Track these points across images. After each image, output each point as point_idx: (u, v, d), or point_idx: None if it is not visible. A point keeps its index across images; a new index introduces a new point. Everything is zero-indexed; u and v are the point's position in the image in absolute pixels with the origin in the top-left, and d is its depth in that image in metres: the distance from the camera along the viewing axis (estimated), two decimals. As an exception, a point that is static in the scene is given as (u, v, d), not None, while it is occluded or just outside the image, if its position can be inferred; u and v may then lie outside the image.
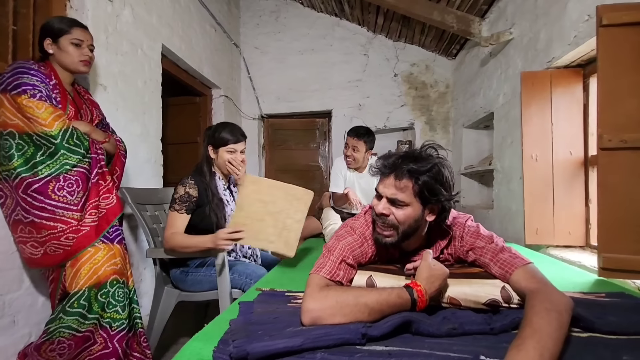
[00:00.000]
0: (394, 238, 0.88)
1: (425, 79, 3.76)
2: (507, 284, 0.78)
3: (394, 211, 0.86)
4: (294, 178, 4.03)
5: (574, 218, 1.82)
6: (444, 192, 0.85)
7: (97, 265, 1.21)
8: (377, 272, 0.86)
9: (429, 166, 0.84)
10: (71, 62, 1.30)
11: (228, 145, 1.48)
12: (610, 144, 1.15)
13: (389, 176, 0.86)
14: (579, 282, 1.15)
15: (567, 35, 1.69)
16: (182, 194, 1.41)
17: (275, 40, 3.93)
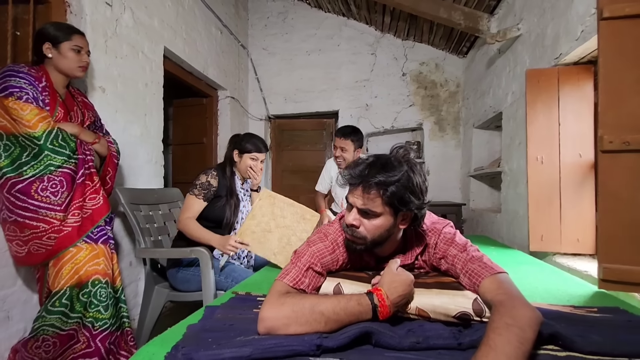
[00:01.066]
0: (364, 246, 0.85)
1: (435, 78, 3.66)
2: (478, 295, 0.73)
3: (365, 222, 0.83)
4: (301, 179, 4.02)
5: (583, 224, 1.72)
6: (415, 200, 0.81)
7: (79, 265, 1.22)
8: (347, 279, 0.83)
9: (398, 175, 0.80)
10: (69, 68, 1.34)
11: (252, 153, 1.61)
12: (611, 146, 1.06)
13: (358, 187, 0.82)
14: (575, 294, 1.07)
15: (573, 30, 1.59)
16: (204, 181, 1.52)
17: (282, 41, 3.93)
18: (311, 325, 0.67)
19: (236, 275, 1.37)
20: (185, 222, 1.46)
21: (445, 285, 0.77)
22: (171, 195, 1.88)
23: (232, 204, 1.56)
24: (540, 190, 1.76)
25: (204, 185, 1.51)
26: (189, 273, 1.43)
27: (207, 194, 1.51)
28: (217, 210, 1.53)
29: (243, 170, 1.62)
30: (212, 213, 1.53)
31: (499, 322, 0.60)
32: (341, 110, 3.81)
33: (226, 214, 1.54)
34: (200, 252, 1.34)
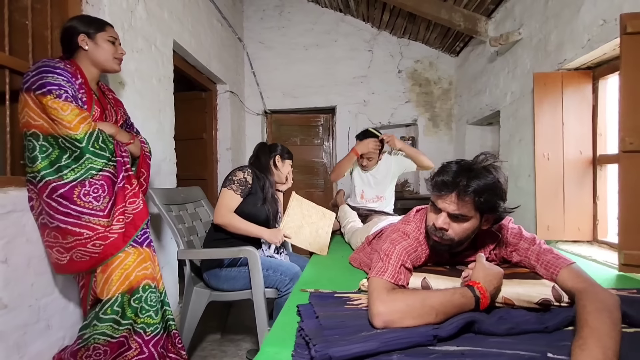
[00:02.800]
0: (450, 246, 0.93)
1: (429, 76, 3.80)
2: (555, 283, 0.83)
3: (454, 226, 0.90)
4: (298, 174, 4.04)
5: (583, 214, 1.90)
6: (502, 205, 0.89)
7: (128, 270, 1.20)
8: (431, 274, 0.90)
9: (490, 183, 0.86)
10: (106, 59, 1.29)
11: (290, 160, 1.84)
12: (631, 147, 1.21)
13: (451, 194, 0.87)
14: (603, 277, 1.22)
15: (580, 38, 1.74)
16: (241, 177, 1.57)
17: (279, 35, 3.90)
18: (423, 318, 0.74)
19: (284, 270, 1.42)
20: (228, 216, 1.49)
21: (524, 275, 0.86)
22: (195, 194, 1.86)
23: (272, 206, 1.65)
24: (547, 184, 1.93)
25: (241, 182, 1.56)
26: (233, 272, 1.45)
27: (244, 190, 1.56)
28: (253, 207, 1.59)
29: (280, 179, 1.76)
30: (248, 209, 1.57)
31: (590, 307, 0.69)
32: (339, 106, 3.86)
33: (266, 214, 1.62)
34: (249, 251, 1.36)
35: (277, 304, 1.42)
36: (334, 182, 2.48)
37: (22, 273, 1.14)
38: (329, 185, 4.06)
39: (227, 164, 3.39)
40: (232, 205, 1.51)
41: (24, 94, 1.11)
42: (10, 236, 1.10)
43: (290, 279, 1.38)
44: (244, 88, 3.86)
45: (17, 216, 1.13)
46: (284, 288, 1.39)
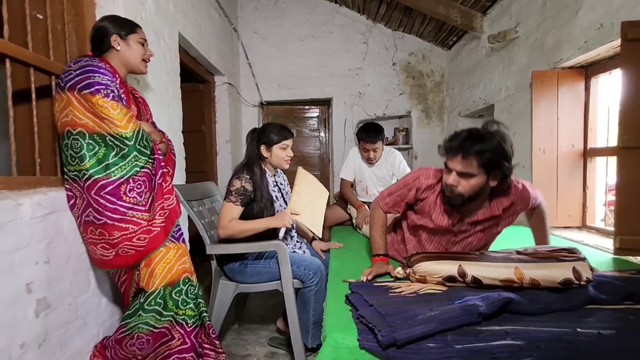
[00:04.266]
0: (460, 200, 1.12)
1: (422, 69, 3.89)
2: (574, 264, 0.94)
3: (462, 182, 1.09)
4: (294, 165, 4.08)
5: (574, 202, 2.07)
6: (505, 163, 1.05)
7: (170, 264, 1.24)
8: (465, 261, 1.00)
9: (493, 145, 1.03)
10: (136, 61, 1.30)
11: (281, 142, 1.61)
12: (629, 143, 1.34)
13: (457, 155, 1.06)
14: (600, 261, 1.37)
15: (577, 40, 1.87)
16: (239, 187, 1.51)
17: (274, 25, 3.86)
18: None
19: (307, 264, 1.47)
20: (229, 227, 1.45)
21: (546, 259, 0.97)
22: (210, 189, 1.88)
23: (267, 206, 1.55)
24: (542, 176, 2.08)
25: (239, 191, 1.49)
26: (259, 266, 1.49)
27: (244, 199, 1.50)
28: (254, 213, 1.53)
29: (278, 163, 1.62)
30: (250, 217, 1.53)
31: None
32: (335, 98, 3.90)
33: (262, 217, 1.52)
34: (278, 244, 1.42)
35: (302, 294, 1.49)
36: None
37: (62, 272, 1.16)
38: (325, 176, 4.13)
39: (226, 156, 3.38)
40: (232, 217, 1.47)
41: (66, 93, 1.12)
42: (51, 237, 1.11)
43: (314, 272, 1.44)
44: (239, 79, 3.83)
45: (56, 217, 1.14)
46: (309, 281, 1.45)
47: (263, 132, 1.65)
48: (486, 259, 0.99)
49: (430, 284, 1.00)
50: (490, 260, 0.98)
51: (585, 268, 0.93)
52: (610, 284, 0.94)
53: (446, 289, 0.96)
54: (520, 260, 0.96)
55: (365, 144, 2.28)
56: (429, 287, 0.98)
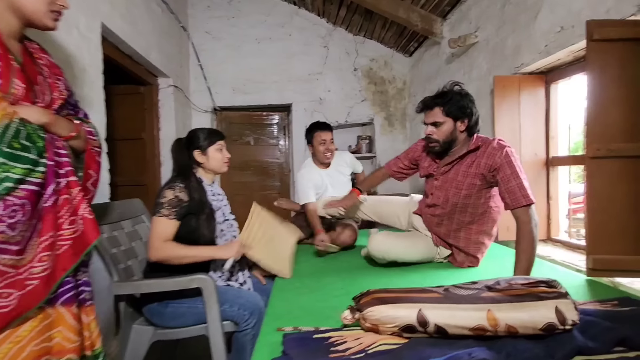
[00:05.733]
0: (438, 147, 1.47)
1: (384, 75, 3.79)
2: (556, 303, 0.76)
3: (435, 131, 1.44)
4: (252, 175, 3.80)
5: (538, 214, 1.96)
6: (466, 111, 1.40)
7: (22, 343, 0.81)
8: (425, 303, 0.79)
9: (450, 97, 1.41)
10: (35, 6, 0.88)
11: (217, 143, 1.44)
12: (598, 153, 1.22)
13: (426, 111, 1.47)
14: (573, 285, 1.22)
15: (537, 44, 1.78)
16: (171, 197, 1.26)
17: (229, 25, 3.59)
18: None
19: (243, 302, 1.20)
20: (163, 248, 1.20)
21: (523, 297, 0.78)
22: (133, 208, 1.56)
23: (207, 217, 1.33)
24: (506, 186, 1.96)
25: (172, 202, 1.25)
26: (183, 305, 1.20)
27: (179, 211, 1.26)
28: (193, 228, 1.30)
29: (217, 166, 1.43)
30: (188, 233, 1.29)
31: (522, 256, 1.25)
32: (294, 104, 3.68)
33: (202, 231, 1.31)
34: (203, 280, 1.13)
35: (236, 338, 1.22)
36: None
37: None
38: (286, 186, 3.88)
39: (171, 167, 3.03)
40: (167, 234, 1.23)
41: None
42: None
43: (251, 312, 1.18)
44: (189, 82, 3.50)
45: None
46: (244, 323, 1.19)
47: (192, 138, 1.43)
48: (452, 299, 0.78)
49: (385, 334, 0.78)
50: (456, 301, 0.78)
51: (570, 307, 0.76)
52: (597, 326, 0.77)
53: (403, 343, 0.74)
54: (493, 300, 0.77)
55: (322, 132, 2.17)
56: (382, 340, 0.75)
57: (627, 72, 1.23)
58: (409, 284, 1.30)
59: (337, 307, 1.02)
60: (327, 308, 1.04)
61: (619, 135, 1.22)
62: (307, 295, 1.17)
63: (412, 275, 1.42)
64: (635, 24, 1.22)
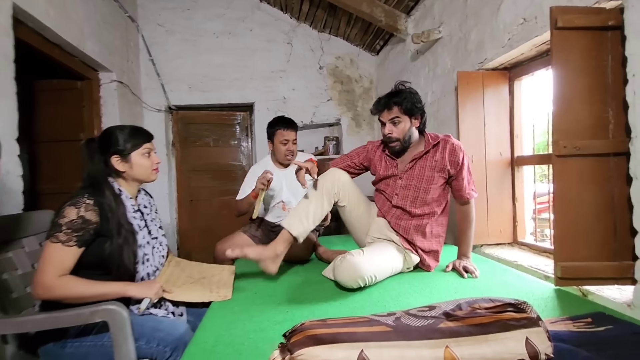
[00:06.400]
0: (399, 144, 1.47)
1: (350, 74, 3.66)
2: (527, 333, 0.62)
3: (394, 129, 1.44)
4: (212, 179, 3.55)
5: (504, 217, 1.89)
6: (419, 107, 1.46)
7: None
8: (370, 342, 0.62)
9: (406, 94, 1.44)
10: None
11: (143, 146, 1.19)
12: (565, 151, 1.12)
13: (385, 109, 1.45)
14: (540, 297, 1.12)
15: (500, 37, 1.69)
16: (74, 218, 1.01)
17: (183, 18, 3.33)
18: None
19: (162, 336, 0.98)
20: (54, 286, 0.95)
21: (488, 326, 0.64)
22: (41, 221, 1.29)
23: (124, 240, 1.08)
24: (472, 188, 1.86)
25: (74, 225, 1.00)
26: (85, 345, 0.96)
27: (82, 236, 1.01)
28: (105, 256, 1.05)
29: (144, 175, 1.20)
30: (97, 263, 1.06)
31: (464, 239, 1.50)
32: (257, 103, 3.48)
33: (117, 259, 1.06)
34: (110, 311, 0.90)
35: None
36: None
37: None
38: (249, 190, 3.65)
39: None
40: (63, 267, 0.98)
41: None
42: None
43: (173, 348, 0.97)
44: (139, 78, 3.21)
45: None
46: None
47: (109, 140, 1.17)
48: (402, 333, 0.63)
49: (319, 383, 0.61)
50: (408, 336, 0.62)
51: (542, 338, 0.62)
52: (574, 357, 0.64)
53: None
54: (452, 333, 0.62)
55: (285, 131, 1.95)
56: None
57: (592, 64, 1.14)
58: (367, 302, 1.15)
59: (273, 338, 0.84)
60: (261, 341, 0.86)
61: (586, 132, 1.12)
62: (243, 324, 0.98)
63: (371, 291, 1.26)
64: (599, 11, 1.13)
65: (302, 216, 1.35)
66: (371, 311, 1.01)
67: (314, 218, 1.37)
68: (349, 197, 1.50)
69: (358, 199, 1.55)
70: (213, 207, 3.54)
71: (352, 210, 1.53)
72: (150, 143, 1.23)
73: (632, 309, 1.06)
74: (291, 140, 1.96)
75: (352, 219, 1.56)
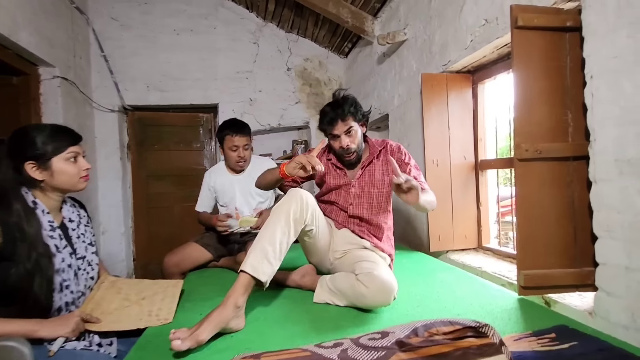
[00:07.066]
0: (356, 155, 1.39)
1: (319, 76, 3.59)
2: None
3: (351, 140, 1.35)
4: (172, 184, 3.33)
5: (469, 221, 1.86)
6: (364, 112, 1.42)
7: None
8: None
9: (352, 101, 1.37)
10: None
11: (69, 149, 1.03)
12: (527, 155, 1.08)
13: (338, 122, 1.34)
14: (507, 307, 1.06)
15: (463, 39, 1.67)
16: None
17: (140, 12, 3.13)
18: None
19: None
20: None
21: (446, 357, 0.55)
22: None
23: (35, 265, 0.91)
24: (437, 193, 1.80)
25: None
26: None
27: None
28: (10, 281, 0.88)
29: (70, 184, 1.03)
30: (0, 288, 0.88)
31: None
32: (221, 104, 3.31)
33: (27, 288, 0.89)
34: (6, 349, 0.74)
35: None
36: None
37: None
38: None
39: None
40: None
41: None
42: None
43: None
44: (89, 75, 2.96)
45: None
46: None
47: (22, 142, 0.99)
48: None
49: None
50: None
51: (504, 367, 0.54)
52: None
53: None
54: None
55: (234, 137, 1.78)
56: None
57: (551, 65, 1.11)
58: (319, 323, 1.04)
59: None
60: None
61: (546, 135, 1.09)
62: (178, 352, 0.84)
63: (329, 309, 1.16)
64: (558, 11, 1.11)
65: (270, 254, 1.04)
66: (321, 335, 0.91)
67: (281, 254, 1.08)
68: (318, 220, 1.27)
69: (323, 219, 1.35)
70: (174, 214, 3.32)
71: (318, 232, 1.29)
72: (77, 146, 1.07)
73: (594, 318, 1.03)
74: (241, 146, 1.80)
75: (316, 241, 1.32)
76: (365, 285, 1.06)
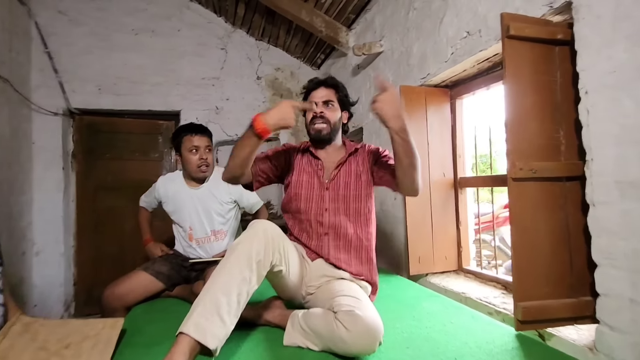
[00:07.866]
0: (328, 130, 1.27)
1: (291, 87, 3.46)
2: None
3: (327, 112, 1.28)
4: (125, 197, 2.98)
5: (449, 242, 1.77)
6: (350, 100, 1.37)
7: None
8: None
9: (342, 84, 1.35)
10: None
11: None
12: (521, 174, 0.99)
13: (319, 88, 1.30)
14: (501, 345, 0.94)
15: (443, 51, 1.60)
16: None
17: (94, 8, 2.84)
18: None
19: None
20: None
21: None
22: None
23: None
24: (417, 211, 1.72)
25: None
26: None
27: None
28: None
29: None
30: None
31: None
32: (184, 111, 3.06)
33: None
34: None
35: None
36: None
37: None
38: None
39: (-18, 188, 2.10)
40: None
41: None
42: None
43: None
44: (29, 73, 2.60)
45: None
46: None
47: None
48: None
49: None
50: None
51: None
52: None
53: None
54: None
55: (193, 137, 1.58)
56: None
57: (542, 78, 1.05)
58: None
59: None
60: None
61: (537, 152, 1.01)
62: None
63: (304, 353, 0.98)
64: (547, 23, 1.05)
65: (223, 308, 0.82)
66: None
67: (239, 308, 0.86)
68: (288, 256, 1.08)
69: (293, 252, 1.14)
70: (126, 232, 2.96)
71: (288, 271, 1.09)
72: None
73: (596, 355, 0.93)
74: (203, 147, 1.60)
75: (287, 281, 1.12)
76: (345, 327, 0.86)
